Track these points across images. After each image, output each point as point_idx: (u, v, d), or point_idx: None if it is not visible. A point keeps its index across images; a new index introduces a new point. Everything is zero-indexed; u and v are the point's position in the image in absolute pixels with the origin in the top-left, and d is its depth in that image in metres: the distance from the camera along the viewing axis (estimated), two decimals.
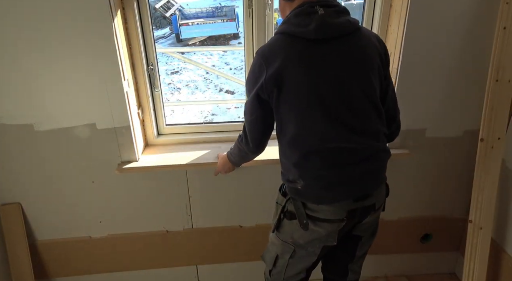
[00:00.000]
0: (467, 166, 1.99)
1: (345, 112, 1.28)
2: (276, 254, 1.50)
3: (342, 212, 1.35)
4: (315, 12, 1.23)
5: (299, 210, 1.38)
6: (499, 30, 1.63)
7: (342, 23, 1.25)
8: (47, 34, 1.57)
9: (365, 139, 1.32)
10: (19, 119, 1.74)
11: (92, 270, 2.15)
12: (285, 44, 1.26)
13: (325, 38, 1.23)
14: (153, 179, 1.94)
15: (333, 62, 1.25)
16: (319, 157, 1.30)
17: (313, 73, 1.24)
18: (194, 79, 8.28)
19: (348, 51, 1.27)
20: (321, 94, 1.25)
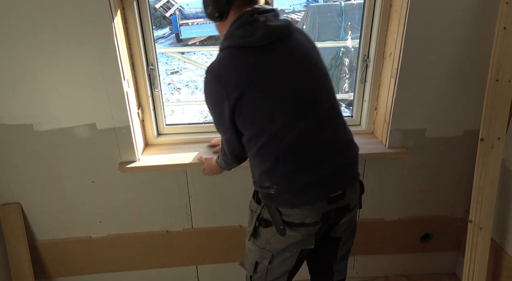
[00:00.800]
0: (467, 166, 1.99)
1: (310, 110, 1.29)
2: (255, 261, 1.50)
3: (316, 215, 1.34)
4: (256, 20, 1.26)
5: (274, 216, 1.37)
6: (499, 30, 1.63)
7: (283, 25, 1.29)
8: (47, 34, 1.57)
9: (333, 133, 1.34)
10: (19, 119, 1.74)
11: (92, 270, 2.15)
12: (236, 58, 1.27)
13: (272, 42, 1.25)
14: (153, 179, 1.94)
15: (286, 62, 1.27)
16: (288, 160, 1.29)
17: (271, 79, 1.25)
18: (194, 79, 8.28)
19: (296, 49, 1.30)
20: (283, 98, 1.26)
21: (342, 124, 1.39)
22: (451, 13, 1.66)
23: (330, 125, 1.34)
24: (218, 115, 1.34)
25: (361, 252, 2.24)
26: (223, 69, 1.27)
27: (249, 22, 1.26)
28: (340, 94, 5.85)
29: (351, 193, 1.39)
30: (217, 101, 1.29)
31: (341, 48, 5.68)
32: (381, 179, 2.04)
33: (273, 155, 1.29)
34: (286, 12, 10.90)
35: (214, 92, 1.29)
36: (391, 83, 1.83)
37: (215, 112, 1.35)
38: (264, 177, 1.34)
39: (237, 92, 1.23)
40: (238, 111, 1.27)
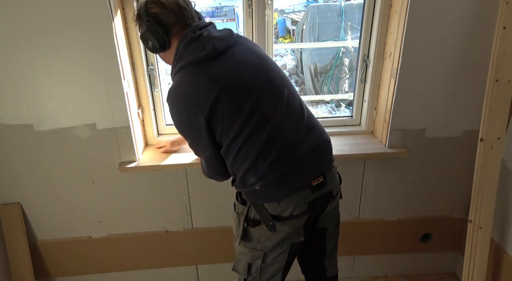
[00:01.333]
0: (467, 166, 1.99)
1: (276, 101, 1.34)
2: (248, 263, 1.50)
3: (303, 205, 1.37)
4: (200, 35, 1.31)
5: (262, 214, 1.38)
6: (499, 30, 1.63)
7: (228, 34, 1.36)
8: (47, 34, 1.57)
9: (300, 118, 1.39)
10: (19, 119, 1.74)
11: (92, 270, 2.15)
12: (196, 74, 1.30)
13: (223, 51, 1.31)
14: (153, 179, 1.94)
15: (242, 64, 1.33)
16: (269, 151, 1.32)
17: (235, 83, 1.29)
18: None
19: (246, 51, 1.37)
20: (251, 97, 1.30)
21: (305, 110, 1.43)
22: (451, 13, 1.66)
23: (295, 111, 1.38)
24: (195, 135, 1.36)
25: (361, 252, 2.24)
26: (187, 88, 1.30)
27: (194, 38, 1.30)
28: (340, 94, 5.85)
29: (331, 180, 1.43)
30: (191, 120, 1.31)
31: (341, 48, 5.68)
32: (381, 179, 2.04)
33: (255, 150, 1.32)
34: (286, 12, 10.88)
35: (186, 113, 1.31)
36: (391, 83, 1.83)
37: (192, 132, 1.37)
38: (247, 175, 1.36)
39: (208, 104, 1.27)
40: (214, 122, 1.30)
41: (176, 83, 1.33)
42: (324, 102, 5.90)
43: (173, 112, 1.35)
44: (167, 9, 1.31)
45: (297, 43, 7.29)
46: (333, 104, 5.78)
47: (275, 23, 9.60)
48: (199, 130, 1.32)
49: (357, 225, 2.15)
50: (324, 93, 5.88)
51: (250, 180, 1.36)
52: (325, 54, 5.81)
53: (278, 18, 9.93)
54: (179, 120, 1.36)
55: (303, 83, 6.60)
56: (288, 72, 7.96)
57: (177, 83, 1.33)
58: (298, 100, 1.42)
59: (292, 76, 7.76)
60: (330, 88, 5.84)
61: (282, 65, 8.29)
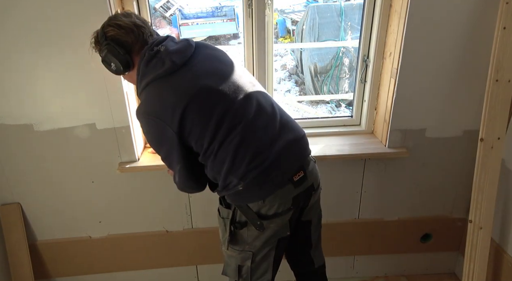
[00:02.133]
0: (467, 166, 1.99)
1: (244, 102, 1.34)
2: (238, 265, 1.51)
3: (287, 201, 1.38)
4: (157, 51, 1.31)
5: (249, 214, 1.39)
6: (499, 30, 1.63)
7: (185, 46, 1.35)
8: (47, 35, 1.57)
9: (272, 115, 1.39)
10: (19, 119, 1.74)
11: (92, 270, 2.15)
12: (159, 89, 1.31)
13: (184, 63, 1.31)
14: (153, 179, 1.94)
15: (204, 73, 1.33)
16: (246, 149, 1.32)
17: (199, 93, 1.29)
18: None
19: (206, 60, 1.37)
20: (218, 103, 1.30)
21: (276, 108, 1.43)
22: (451, 13, 1.66)
23: (266, 110, 1.38)
24: (167, 149, 1.36)
25: (361, 252, 2.24)
26: (153, 105, 1.31)
27: (152, 56, 1.31)
28: (340, 94, 5.85)
29: (311, 173, 1.44)
30: (161, 135, 1.33)
31: (341, 48, 5.68)
32: (381, 179, 2.04)
33: (231, 150, 1.32)
34: (286, 12, 10.89)
35: (156, 129, 1.33)
36: (391, 83, 1.83)
37: (163, 147, 1.37)
38: (229, 177, 1.36)
39: (177, 118, 1.28)
40: (186, 133, 1.31)
41: (143, 101, 1.35)
42: (324, 102, 5.91)
43: (144, 130, 1.38)
44: (124, 30, 1.31)
45: (297, 43, 7.29)
46: (333, 104, 5.78)
47: (275, 23, 9.60)
48: (171, 145, 1.33)
49: (357, 225, 2.15)
50: (324, 93, 5.89)
51: (232, 182, 1.36)
52: (325, 54, 5.81)
53: (278, 18, 9.93)
54: (151, 137, 1.38)
55: (303, 83, 6.60)
56: (288, 72, 7.96)
57: (144, 101, 1.35)
58: (269, 99, 1.43)
59: (292, 76, 7.76)
60: (330, 88, 5.85)
61: (282, 65, 8.29)
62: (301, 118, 3.48)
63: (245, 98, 1.35)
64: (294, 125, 1.45)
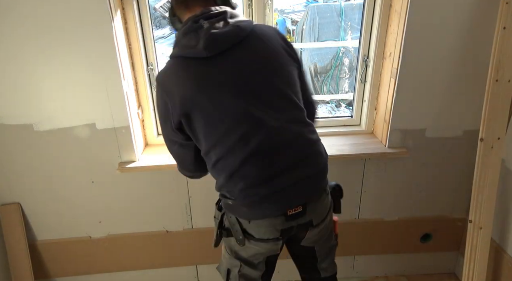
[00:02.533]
0: (467, 166, 1.99)
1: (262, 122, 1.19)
2: (227, 268, 1.45)
3: (275, 231, 1.27)
4: (200, 27, 1.17)
5: (234, 226, 1.30)
6: (499, 30, 1.63)
7: (231, 32, 1.18)
8: (47, 35, 1.57)
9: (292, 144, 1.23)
10: (19, 119, 1.74)
11: (92, 270, 2.15)
12: (179, 69, 1.22)
13: (220, 52, 1.17)
14: (153, 179, 1.94)
15: (232, 75, 1.18)
16: (242, 177, 1.22)
17: (215, 92, 1.18)
18: None
19: (246, 58, 1.20)
20: (231, 114, 1.18)
21: (305, 133, 1.27)
22: (451, 13, 1.66)
23: (287, 137, 1.23)
24: (163, 124, 1.29)
25: (361, 252, 2.24)
26: (168, 79, 1.23)
27: (193, 29, 1.18)
28: (340, 94, 5.84)
29: (314, 209, 1.29)
30: (163, 110, 1.25)
31: (341, 48, 5.68)
32: (381, 179, 2.04)
33: (226, 172, 1.23)
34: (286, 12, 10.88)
35: (160, 101, 1.25)
36: (391, 83, 1.83)
37: (161, 120, 1.30)
38: (222, 189, 1.29)
39: (181, 107, 1.19)
40: (187, 125, 1.22)
41: (164, 70, 1.26)
42: (324, 102, 5.91)
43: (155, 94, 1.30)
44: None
45: (297, 43, 7.29)
46: (333, 104, 5.78)
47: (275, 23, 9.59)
48: (166, 122, 1.25)
49: (357, 225, 2.15)
50: (324, 93, 5.89)
51: (224, 193, 1.29)
52: (325, 54, 5.81)
53: (278, 18, 9.92)
54: (156, 105, 1.31)
55: None
56: None
57: (164, 70, 1.26)
58: (298, 120, 1.26)
59: None
60: (330, 88, 5.84)
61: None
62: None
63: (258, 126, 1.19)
64: (313, 158, 1.27)
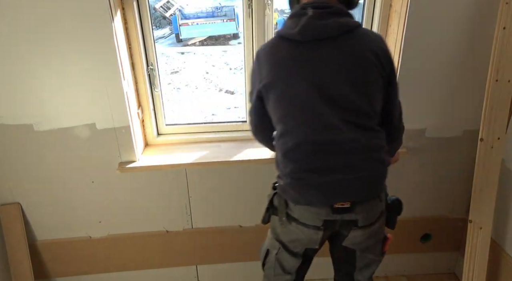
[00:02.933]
0: (467, 166, 1.99)
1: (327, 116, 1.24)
2: (267, 249, 1.50)
3: (317, 219, 1.30)
4: (304, 13, 1.24)
5: (280, 206, 1.37)
6: (499, 30, 1.63)
7: (329, 25, 1.22)
8: (47, 34, 1.57)
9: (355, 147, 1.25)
10: (19, 119, 1.74)
11: (92, 270, 2.15)
12: (275, 46, 1.32)
13: (313, 40, 1.24)
14: (153, 179, 1.94)
15: (315, 64, 1.24)
16: (297, 159, 1.29)
17: (296, 75, 1.26)
18: (194, 79, 8.27)
19: (334, 54, 1.24)
20: (301, 98, 1.26)
21: (367, 138, 1.27)
22: (451, 13, 1.66)
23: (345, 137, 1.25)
24: (251, 88, 1.40)
25: None
26: (264, 52, 1.33)
27: (298, 14, 1.26)
28: None
29: (362, 210, 1.29)
30: (253, 77, 1.37)
31: None
32: None
33: (283, 150, 1.32)
34: (286, 12, 10.88)
35: (252, 70, 1.38)
36: None
37: (250, 84, 1.41)
38: (278, 166, 1.37)
39: (265, 78, 1.29)
40: (265, 97, 1.33)
41: (265, 44, 1.37)
42: None
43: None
44: None
45: None
46: None
47: (275, 23, 9.61)
48: (253, 86, 1.38)
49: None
50: None
51: (279, 172, 1.37)
52: None
53: (278, 18, 9.93)
54: (250, 71, 1.41)
55: None
56: None
57: (265, 45, 1.37)
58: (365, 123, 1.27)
59: None
60: None
61: None
62: None
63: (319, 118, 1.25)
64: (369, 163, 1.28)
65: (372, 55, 1.25)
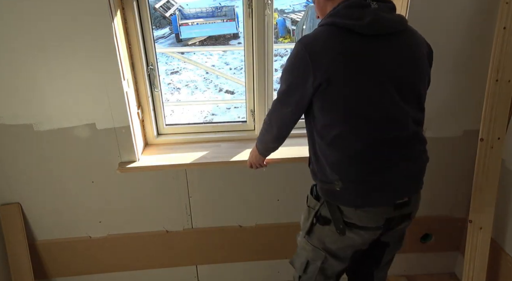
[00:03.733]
0: (467, 166, 1.99)
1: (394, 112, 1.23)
2: (307, 260, 1.44)
3: (380, 219, 1.29)
4: (368, 5, 1.18)
5: (335, 215, 1.30)
6: (499, 30, 1.63)
7: (394, 20, 1.21)
8: (47, 35, 1.57)
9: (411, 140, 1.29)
10: (19, 119, 1.74)
11: (92, 270, 2.15)
12: (335, 38, 1.18)
13: (377, 34, 1.18)
14: (153, 179, 1.94)
15: (384, 60, 1.20)
16: (363, 160, 1.24)
17: (364, 70, 1.18)
18: (194, 79, 8.28)
19: (399, 49, 1.22)
20: (370, 96, 1.19)
21: (420, 133, 1.34)
22: (451, 13, 1.66)
23: (410, 133, 1.28)
24: (291, 87, 1.25)
25: None
26: (318, 43, 1.19)
27: (360, 5, 1.18)
28: None
29: (416, 201, 1.36)
30: (298, 72, 1.21)
31: None
32: None
33: (345, 152, 1.23)
34: (286, 12, 10.89)
35: (299, 63, 1.20)
36: None
37: (289, 82, 1.25)
38: (331, 171, 1.27)
39: (326, 73, 1.16)
40: (321, 93, 1.20)
41: (313, 35, 1.22)
42: None
43: (290, 55, 1.25)
44: None
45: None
46: None
47: (275, 23, 9.62)
48: (298, 86, 1.22)
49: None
50: None
51: (331, 177, 1.27)
52: None
53: (278, 18, 9.94)
54: (289, 65, 1.24)
55: None
56: None
57: (313, 35, 1.22)
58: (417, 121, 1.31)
59: None
60: None
61: (281, 65, 8.28)
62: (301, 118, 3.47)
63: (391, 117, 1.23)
64: (421, 157, 1.33)
65: (425, 52, 1.30)
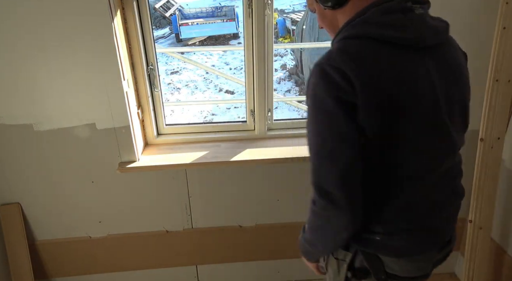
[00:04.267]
0: (467, 166, 1.98)
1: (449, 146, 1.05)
2: None
3: (427, 266, 1.11)
4: (410, 10, 0.92)
5: (374, 265, 1.07)
6: (499, 30, 1.63)
7: (442, 28, 1.01)
8: (47, 34, 1.57)
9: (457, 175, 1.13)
10: (19, 119, 1.74)
11: (92, 270, 2.15)
12: (372, 53, 0.91)
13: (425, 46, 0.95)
14: (153, 179, 1.94)
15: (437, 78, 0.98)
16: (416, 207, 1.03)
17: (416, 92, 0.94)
18: (194, 79, 8.28)
19: (449, 63, 1.04)
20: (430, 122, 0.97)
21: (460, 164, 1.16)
22: (450, 14, 1.66)
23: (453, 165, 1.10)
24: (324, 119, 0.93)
25: None
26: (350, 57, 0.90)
27: (399, 9, 0.92)
28: None
29: (455, 239, 1.18)
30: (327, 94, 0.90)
31: None
32: None
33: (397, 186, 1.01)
34: (286, 12, 10.89)
35: (326, 83, 0.90)
36: None
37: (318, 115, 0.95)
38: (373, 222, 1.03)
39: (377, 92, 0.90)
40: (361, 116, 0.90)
41: (338, 52, 0.92)
42: None
43: (310, 81, 0.95)
44: None
45: (297, 43, 7.29)
46: None
47: (275, 23, 9.62)
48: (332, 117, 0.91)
49: None
50: None
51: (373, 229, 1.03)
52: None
53: (278, 18, 9.94)
54: (314, 95, 0.94)
55: (303, 83, 6.61)
56: (288, 72, 7.95)
57: (339, 52, 0.92)
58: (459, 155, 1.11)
59: (292, 76, 7.76)
60: None
61: (282, 65, 8.29)
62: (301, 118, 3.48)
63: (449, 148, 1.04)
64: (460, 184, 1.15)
65: (464, 62, 1.14)
